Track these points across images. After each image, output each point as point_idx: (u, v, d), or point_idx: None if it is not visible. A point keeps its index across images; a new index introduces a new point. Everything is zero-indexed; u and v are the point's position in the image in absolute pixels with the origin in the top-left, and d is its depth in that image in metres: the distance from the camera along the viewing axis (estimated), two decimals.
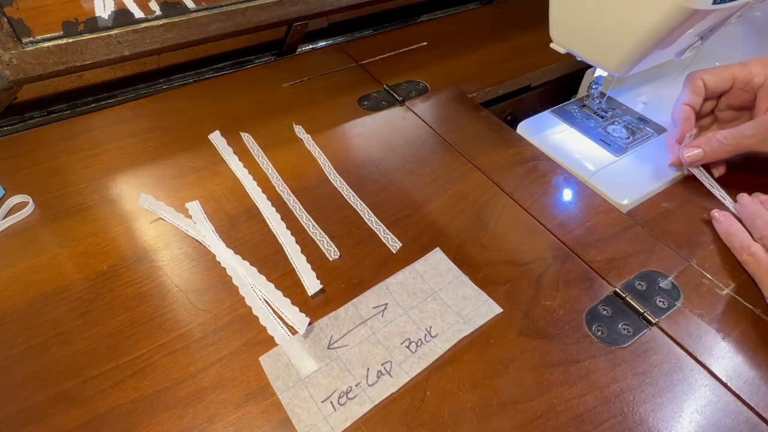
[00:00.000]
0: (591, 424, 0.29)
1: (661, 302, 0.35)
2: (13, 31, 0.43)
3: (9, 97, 0.49)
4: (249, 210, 0.42)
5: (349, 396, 0.30)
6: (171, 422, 0.29)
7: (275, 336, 0.33)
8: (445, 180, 0.45)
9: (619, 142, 0.50)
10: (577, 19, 0.43)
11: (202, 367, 0.32)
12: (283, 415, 0.30)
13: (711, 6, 0.35)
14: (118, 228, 0.40)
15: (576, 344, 0.33)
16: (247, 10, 0.53)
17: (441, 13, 0.76)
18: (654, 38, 0.38)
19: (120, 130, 0.50)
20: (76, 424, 0.29)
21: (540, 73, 0.61)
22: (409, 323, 0.34)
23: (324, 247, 0.39)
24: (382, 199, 0.43)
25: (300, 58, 0.64)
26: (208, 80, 0.59)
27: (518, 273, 0.37)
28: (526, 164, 0.47)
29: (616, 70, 0.43)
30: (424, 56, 0.62)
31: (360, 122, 0.52)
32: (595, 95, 0.54)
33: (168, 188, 0.44)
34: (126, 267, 0.37)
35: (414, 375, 0.31)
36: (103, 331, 0.33)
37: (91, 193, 0.43)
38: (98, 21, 0.47)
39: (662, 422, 0.29)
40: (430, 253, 0.39)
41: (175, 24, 0.50)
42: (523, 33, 0.67)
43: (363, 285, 0.36)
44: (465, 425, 0.29)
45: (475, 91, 0.56)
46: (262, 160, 0.47)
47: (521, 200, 0.43)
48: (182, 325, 0.34)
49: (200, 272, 0.37)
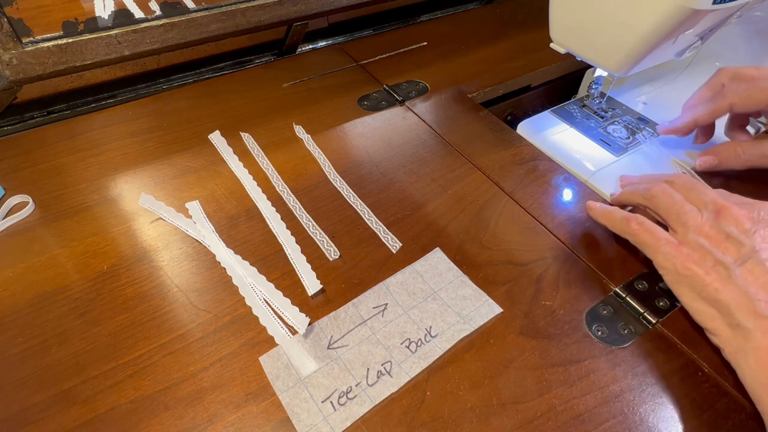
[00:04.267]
0: (591, 424, 0.29)
1: (661, 303, 0.35)
2: (13, 31, 0.43)
3: (9, 97, 0.49)
4: (249, 210, 0.42)
5: (349, 396, 0.30)
6: (171, 422, 0.29)
7: (275, 336, 0.33)
8: (445, 180, 0.45)
9: (619, 142, 0.50)
10: (577, 19, 0.43)
11: (202, 367, 0.32)
12: (283, 415, 0.30)
13: (711, 6, 0.35)
14: (118, 228, 0.40)
15: (576, 344, 0.33)
16: (247, 10, 0.53)
17: (441, 13, 0.76)
18: (654, 38, 0.38)
19: (120, 130, 0.50)
20: (76, 424, 0.29)
21: (540, 73, 0.61)
22: (409, 323, 0.34)
23: (324, 247, 0.39)
24: (382, 199, 0.43)
25: (300, 58, 0.64)
26: (208, 80, 0.59)
27: (518, 273, 0.37)
28: (526, 164, 0.47)
29: (616, 70, 0.43)
30: (424, 56, 0.62)
31: (360, 122, 0.52)
32: (595, 95, 0.54)
33: (168, 188, 0.44)
34: (126, 267, 0.37)
35: (414, 375, 0.31)
36: (103, 331, 0.33)
37: (91, 193, 0.43)
38: (98, 21, 0.47)
39: (662, 422, 0.29)
40: (430, 253, 0.39)
41: (175, 24, 0.50)
42: (523, 33, 0.67)
43: (363, 285, 0.36)
44: (465, 425, 0.29)
45: (475, 91, 0.56)
46: (262, 160, 0.47)
47: (521, 200, 0.43)
48: (182, 325, 0.34)
49: (200, 272, 0.37)
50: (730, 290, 0.30)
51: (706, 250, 0.32)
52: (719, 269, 0.31)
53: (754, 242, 0.31)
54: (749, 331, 0.29)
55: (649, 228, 0.35)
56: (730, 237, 0.31)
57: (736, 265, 0.31)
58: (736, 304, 0.30)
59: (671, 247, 0.33)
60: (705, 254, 0.31)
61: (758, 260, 0.31)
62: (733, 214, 0.32)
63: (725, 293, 0.30)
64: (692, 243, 0.32)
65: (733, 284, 0.30)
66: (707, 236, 0.32)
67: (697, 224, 0.33)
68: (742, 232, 0.32)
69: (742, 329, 0.29)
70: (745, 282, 0.30)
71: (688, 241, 0.33)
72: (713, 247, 0.31)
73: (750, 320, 0.29)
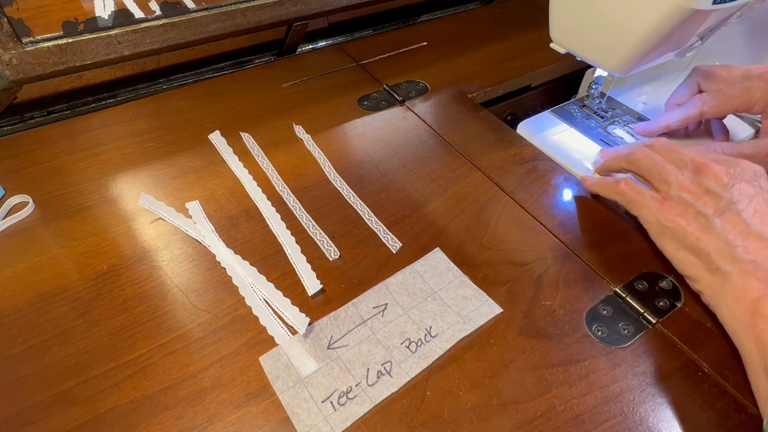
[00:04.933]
0: (591, 424, 0.29)
1: (661, 303, 0.35)
2: (13, 31, 0.43)
3: (9, 97, 0.49)
4: (249, 210, 0.42)
5: (349, 396, 0.30)
6: (171, 422, 0.29)
7: (275, 336, 0.33)
8: (445, 180, 0.45)
9: (619, 142, 0.50)
10: (577, 19, 0.43)
11: (202, 367, 0.32)
12: (283, 415, 0.30)
13: (711, 6, 0.35)
14: (118, 228, 0.40)
15: (576, 344, 0.33)
16: (247, 10, 0.53)
17: (441, 13, 0.76)
18: (654, 38, 0.38)
19: (120, 130, 0.50)
20: (76, 424, 0.29)
21: (540, 73, 0.61)
22: (409, 323, 0.34)
23: (324, 247, 0.39)
24: (382, 199, 0.43)
25: (300, 58, 0.64)
26: (208, 80, 0.59)
27: (518, 273, 0.37)
28: (526, 164, 0.47)
29: (616, 70, 0.43)
30: (424, 56, 0.62)
31: (360, 122, 0.52)
32: (595, 95, 0.54)
33: (168, 188, 0.44)
34: (126, 267, 0.37)
35: (414, 375, 0.31)
36: (103, 331, 0.33)
37: (91, 193, 0.43)
38: (98, 21, 0.47)
39: (662, 422, 0.29)
40: (430, 253, 0.39)
41: (175, 24, 0.50)
42: (523, 33, 0.67)
43: (363, 285, 0.36)
44: (465, 425, 0.29)
45: (475, 91, 0.56)
46: (262, 160, 0.47)
47: (521, 200, 0.43)
48: (182, 325, 0.34)
49: (200, 272, 0.37)
50: (710, 239, 0.32)
51: (688, 204, 0.34)
52: (700, 220, 0.33)
53: (732, 195, 0.33)
54: (728, 273, 0.31)
55: (635, 187, 0.38)
56: (709, 191, 0.34)
57: (716, 216, 0.33)
58: (716, 250, 0.32)
59: (656, 202, 0.36)
60: (687, 207, 0.34)
61: (736, 211, 0.33)
62: (711, 171, 0.34)
63: (706, 242, 0.32)
64: (675, 198, 0.35)
65: (714, 233, 0.32)
66: (688, 191, 0.34)
67: (678, 181, 0.35)
68: (720, 187, 0.33)
69: (721, 273, 0.32)
70: (724, 230, 0.32)
71: (670, 196, 0.35)
72: (694, 200, 0.34)
73: (729, 264, 0.31)
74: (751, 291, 0.30)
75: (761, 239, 0.31)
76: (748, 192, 0.33)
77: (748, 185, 0.34)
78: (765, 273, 0.30)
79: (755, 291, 0.30)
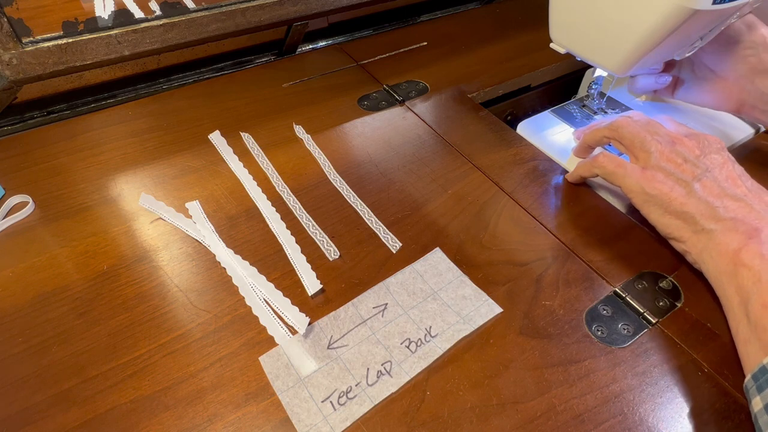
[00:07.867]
0: (591, 424, 0.29)
1: (661, 303, 0.35)
2: (13, 31, 0.43)
3: (9, 97, 0.49)
4: (249, 210, 0.42)
5: (349, 396, 0.30)
6: (171, 422, 0.29)
7: (275, 336, 0.33)
8: (445, 180, 0.45)
9: None
10: (577, 19, 0.43)
11: (202, 367, 0.32)
12: (283, 415, 0.30)
13: (711, 6, 0.35)
14: (118, 228, 0.40)
15: (576, 344, 0.33)
16: (247, 10, 0.53)
17: (441, 13, 0.76)
18: (654, 38, 0.38)
19: (120, 130, 0.50)
20: (76, 424, 0.29)
21: (540, 73, 0.61)
22: (408, 323, 0.34)
23: (324, 247, 0.39)
24: (382, 199, 0.43)
25: (300, 58, 0.64)
26: (208, 80, 0.59)
27: (518, 273, 0.37)
28: (526, 164, 0.47)
29: (616, 70, 0.43)
30: (424, 56, 0.62)
31: (360, 122, 0.52)
32: (595, 95, 0.54)
33: (168, 188, 0.44)
34: (126, 267, 0.37)
35: (414, 375, 0.31)
36: (103, 331, 0.33)
37: (91, 193, 0.43)
38: (98, 21, 0.47)
39: (662, 422, 0.29)
40: (430, 253, 0.39)
41: (175, 24, 0.50)
42: (523, 33, 0.67)
43: (363, 285, 0.36)
44: (465, 425, 0.29)
45: (475, 91, 0.56)
46: (262, 160, 0.47)
47: (521, 200, 0.43)
48: (182, 325, 0.34)
49: (200, 272, 0.37)
50: (693, 203, 0.35)
51: (669, 172, 0.37)
52: (682, 186, 0.36)
53: (705, 164, 0.37)
54: (713, 231, 0.34)
55: (615, 159, 0.40)
56: (687, 160, 0.37)
57: (695, 181, 0.36)
58: (699, 212, 0.35)
59: (638, 172, 0.38)
60: (668, 175, 0.37)
61: (713, 177, 0.36)
62: (685, 143, 0.38)
63: (689, 205, 0.35)
64: (655, 166, 0.37)
65: (695, 197, 0.35)
66: (668, 160, 0.37)
67: (659, 150, 0.38)
68: (695, 157, 0.37)
69: (706, 231, 0.34)
70: (704, 194, 0.35)
71: (651, 165, 0.38)
72: (674, 168, 0.37)
73: (712, 223, 0.34)
74: (733, 243, 0.32)
75: (737, 199, 0.34)
76: (718, 161, 0.37)
77: (717, 155, 0.37)
78: (745, 226, 0.33)
79: (736, 242, 0.32)
